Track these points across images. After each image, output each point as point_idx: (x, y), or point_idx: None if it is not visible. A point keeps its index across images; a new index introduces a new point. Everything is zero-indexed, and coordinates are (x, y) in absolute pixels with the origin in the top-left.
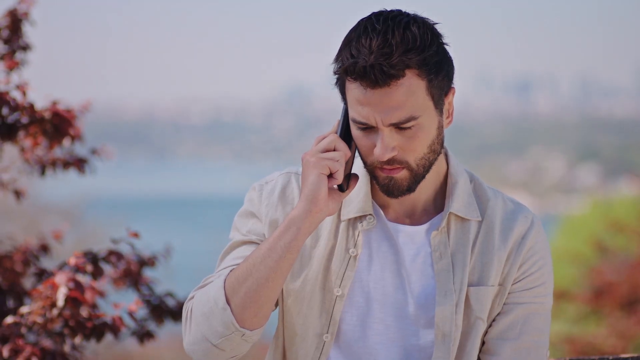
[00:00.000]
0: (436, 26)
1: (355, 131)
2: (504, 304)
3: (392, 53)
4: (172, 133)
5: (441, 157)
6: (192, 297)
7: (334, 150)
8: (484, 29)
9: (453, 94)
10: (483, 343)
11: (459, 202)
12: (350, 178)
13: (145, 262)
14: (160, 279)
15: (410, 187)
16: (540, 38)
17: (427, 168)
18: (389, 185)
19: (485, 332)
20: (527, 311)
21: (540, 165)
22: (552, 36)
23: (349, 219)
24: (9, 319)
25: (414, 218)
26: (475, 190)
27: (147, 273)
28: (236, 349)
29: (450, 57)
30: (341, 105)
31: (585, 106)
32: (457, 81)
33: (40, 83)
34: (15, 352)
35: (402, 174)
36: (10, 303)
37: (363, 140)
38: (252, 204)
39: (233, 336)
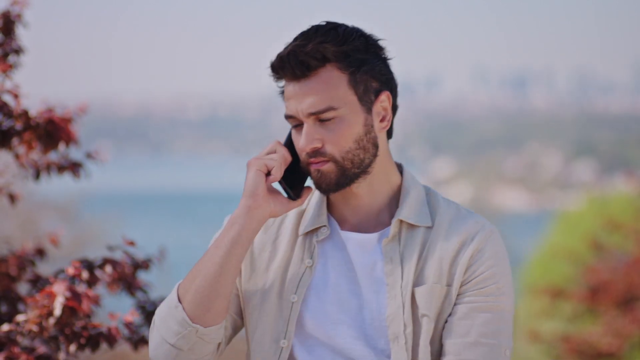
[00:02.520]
0: (381, 42)
1: (292, 133)
2: (455, 304)
3: (308, 44)
4: (168, 128)
5: (391, 169)
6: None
7: (275, 152)
8: (480, 25)
9: (388, 99)
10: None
11: (409, 210)
12: (302, 190)
13: (140, 265)
14: (154, 283)
15: (339, 182)
16: (536, 33)
17: (357, 165)
18: (318, 179)
19: (441, 337)
20: (477, 310)
21: (537, 161)
22: (548, 31)
23: (305, 233)
24: (5, 327)
25: (368, 229)
26: (430, 200)
27: (142, 276)
28: (195, 349)
29: (386, 64)
30: None
31: (582, 102)
32: (453, 76)
33: (36, 79)
34: (10, 359)
35: (328, 167)
36: (4, 309)
37: (296, 140)
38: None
39: (188, 333)
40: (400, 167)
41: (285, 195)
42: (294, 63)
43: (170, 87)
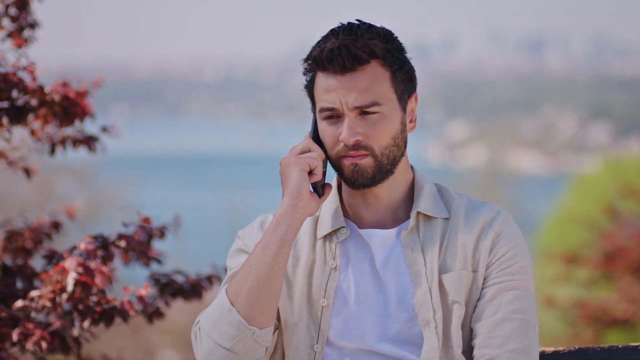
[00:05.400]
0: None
1: (322, 126)
2: (482, 288)
3: (357, 38)
4: (184, 91)
5: (407, 168)
6: (198, 320)
7: (310, 151)
8: None
9: (416, 100)
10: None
11: (426, 202)
12: (325, 187)
13: (154, 234)
14: (169, 252)
15: (375, 177)
16: None
17: (391, 161)
18: (354, 173)
19: (471, 321)
20: (504, 289)
21: (552, 124)
22: None
23: (325, 236)
24: (19, 303)
25: (386, 225)
26: (442, 194)
27: (157, 245)
28: (250, 352)
29: (412, 65)
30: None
31: (598, 64)
32: (469, 39)
33: (53, 41)
34: (25, 335)
35: (366, 161)
36: (19, 284)
37: (329, 132)
38: (237, 245)
39: (244, 336)
40: (412, 166)
41: (312, 191)
42: (345, 56)
43: (186, 50)
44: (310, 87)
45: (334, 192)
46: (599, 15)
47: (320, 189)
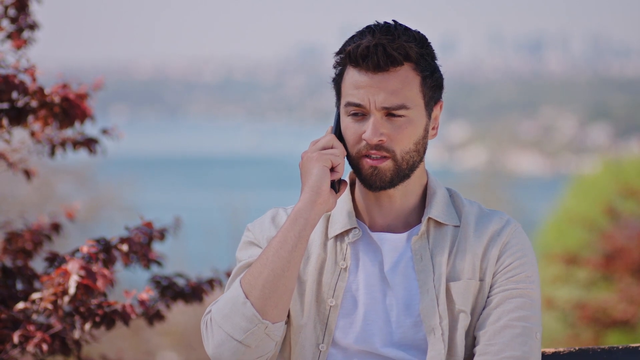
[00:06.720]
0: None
1: (346, 122)
2: (488, 296)
3: (395, 39)
4: (184, 92)
5: (423, 172)
6: (210, 310)
7: (332, 147)
8: None
9: (441, 107)
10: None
11: (437, 209)
12: (340, 182)
13: (154, 236)
14: (168, 254)
15: (393, 181)
16: None
17: (410, 166)
18: (372, 175)
19: (474, 329)
20: (509, 297)
21: (552, 125)
22: None
23: (336, 235)
24: (20, 305)
25: (397, 229)
26: (453, 200)
27: (156, 246)
28: (261, 346)
29: (441, 73)
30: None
31: (597, 65)
32: (468, 39)
33: (53, 43)
34: (26, 337)
35: (386, 165)
36: (19, 286)
37: (352, 129)
38: (248, 237)
39: (257, 330)
40: (426, 170)
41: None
42: (381, 54)
43: (185, 51)
44: (338, 81)
45: (346, 190)
46: (599, 16)
47: (337, 184)
